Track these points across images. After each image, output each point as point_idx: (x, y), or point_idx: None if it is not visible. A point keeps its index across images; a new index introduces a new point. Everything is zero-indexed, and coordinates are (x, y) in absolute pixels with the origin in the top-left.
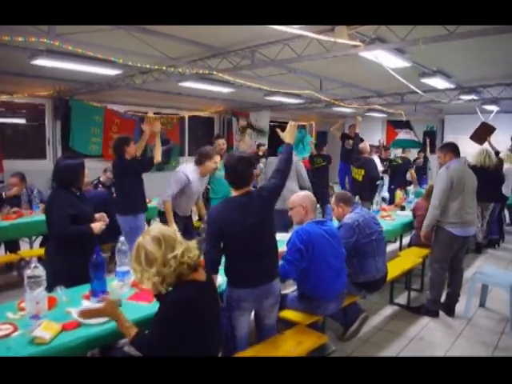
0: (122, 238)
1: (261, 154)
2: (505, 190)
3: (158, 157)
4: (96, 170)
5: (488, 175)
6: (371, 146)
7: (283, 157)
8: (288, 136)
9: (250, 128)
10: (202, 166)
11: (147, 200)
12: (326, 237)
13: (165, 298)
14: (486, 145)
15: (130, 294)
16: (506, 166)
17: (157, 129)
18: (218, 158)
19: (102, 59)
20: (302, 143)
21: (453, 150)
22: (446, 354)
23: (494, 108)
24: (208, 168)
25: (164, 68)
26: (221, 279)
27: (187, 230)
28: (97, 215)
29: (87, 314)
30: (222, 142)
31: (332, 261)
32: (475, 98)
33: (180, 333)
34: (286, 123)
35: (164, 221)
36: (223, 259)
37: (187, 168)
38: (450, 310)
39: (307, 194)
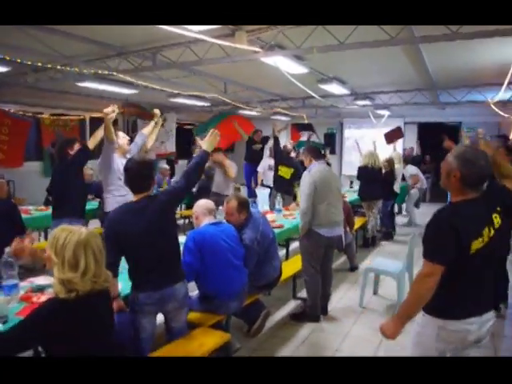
0: (7, 249)
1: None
2: (395, 187)
3: (95, 140)
4: None
5: (375, 175)
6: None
7: (194, 161)
8: (206, 144)
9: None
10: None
11: None
12: (222, 237)
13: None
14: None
15: (18, 309)
16: (395, 166)
17: (108, 111)
18: None
19: None
20: None
21: (312, 152)
22: (345, 338)
23: (385, 112)
24: None
25: (58, 67)
26: (121, 284)
27: None
28: None
29: None
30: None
31: (231, 258)
32: (368, 103)
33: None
34: (193, 125)
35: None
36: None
37: None
38: (324, 310)
39: (199, 202)
